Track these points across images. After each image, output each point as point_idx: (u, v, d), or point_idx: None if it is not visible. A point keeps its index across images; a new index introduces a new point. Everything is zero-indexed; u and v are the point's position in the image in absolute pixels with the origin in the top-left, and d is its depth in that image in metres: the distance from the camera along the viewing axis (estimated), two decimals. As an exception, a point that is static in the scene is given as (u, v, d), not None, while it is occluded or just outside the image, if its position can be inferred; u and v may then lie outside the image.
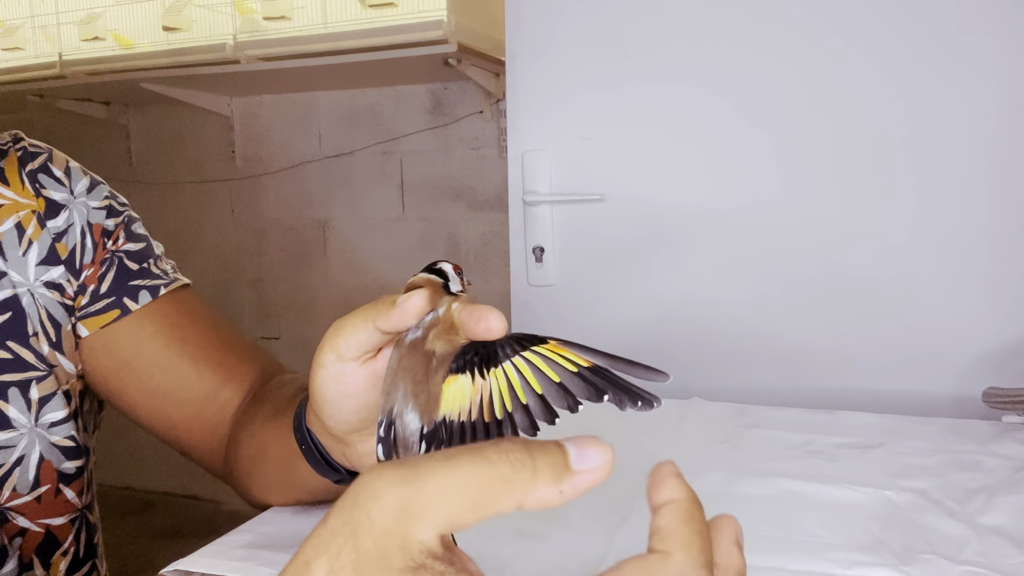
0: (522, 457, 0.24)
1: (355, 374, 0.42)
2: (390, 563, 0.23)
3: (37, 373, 0.62)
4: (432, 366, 0.36)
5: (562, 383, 0.31)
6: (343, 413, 0.44)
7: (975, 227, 1.16)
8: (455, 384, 0.34)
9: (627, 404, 0.30)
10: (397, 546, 0.23)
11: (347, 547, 0.23)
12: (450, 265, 0.43)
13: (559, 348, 0.33)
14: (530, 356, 0.33)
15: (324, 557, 0.23)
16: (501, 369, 0.33)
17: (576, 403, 0.31)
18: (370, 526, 0.23)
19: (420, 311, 0.38)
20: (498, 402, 0.32)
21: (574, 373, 0.31)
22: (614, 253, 1.36)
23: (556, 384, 0.31)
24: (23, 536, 0.63)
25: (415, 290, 0.38)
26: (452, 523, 0.24)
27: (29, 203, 0.64)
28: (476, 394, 0.33)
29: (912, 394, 1.17)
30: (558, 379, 0.32)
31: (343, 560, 0.23)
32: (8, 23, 2.40)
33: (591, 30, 1.33)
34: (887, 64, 1.19)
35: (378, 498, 0.23)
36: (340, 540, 0.23)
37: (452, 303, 0.38)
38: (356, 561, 0.23)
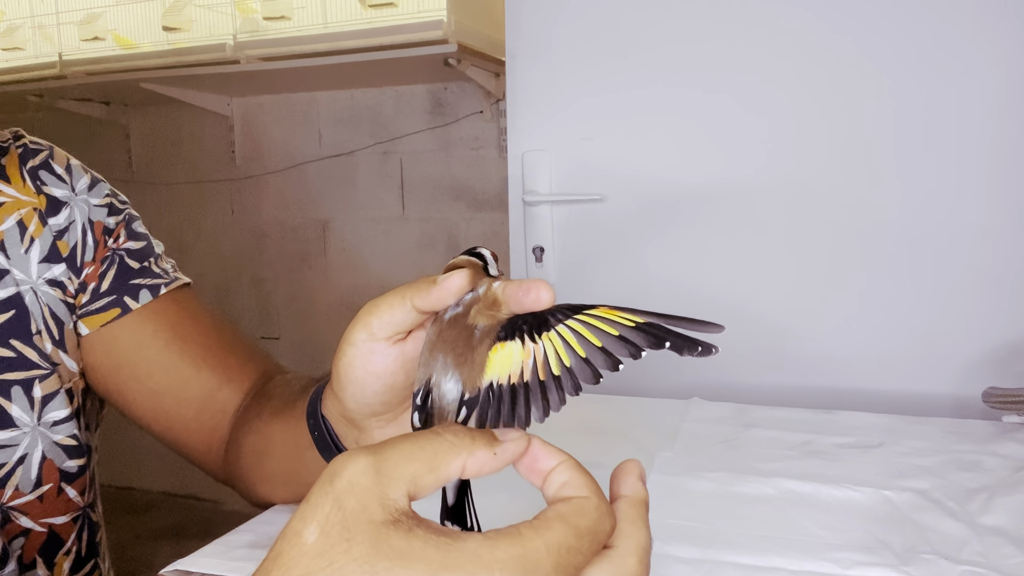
0: (463, 431, 0.31)
1: (384, 354, 0.42)
2: (373, 516, 0.26)
3: (40, 371, 0.62)
4: (475, 338, 0.36)
5: (622, 336, 0.32)
6: (367, 394, 0.44)
7: (975, 227, 1.16)
8: (503, 350, 0.34)
9: (687, 351, 0.31)
10: (377, 502, 0.27)
11: (333, 510, 0.27)
12: (488, 251, 0.44)
13: (611, 311, 0.33)
14: (584, 318, 0.33)
15: (314, 524, 0.27)
16: (554, 331, 0.33)
17: (639, 350, 0.31)
18: (351, 488, 0.27)
19: (461, 290, 0.38)
20: (554, 359, 0.32)
21: (631, 327, 0.32)
22: (614, 253, 1.36)
23: (615, 337, 0.32)
24: (26, 536, 0.63)
25: (456, 270, 0.39)
26: (415, 482, 0.28)
27: (30, 200, 0.64)
28: (527, 357, 0.33)
29: (912, 394, 1.18)
30: (617, 333, 0.32)
31: (332, 521, 0.26)
32: (8, 23, 2.40)
33: (591, 30, 1.33)
34: (886, 63, 1.19)
35: (355, 464, 0.27)
36: (326, 507, 0.27)
37: (492, 283, 0.38)
38: (343, 519, 0.26)
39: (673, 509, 0.66)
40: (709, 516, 0.64)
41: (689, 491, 0.69)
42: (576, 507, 0.29)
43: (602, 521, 0.29)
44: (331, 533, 0.26)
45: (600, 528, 0.29)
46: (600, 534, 0.29)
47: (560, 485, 0.30)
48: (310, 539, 0.26)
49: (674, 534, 0.61)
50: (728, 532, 0.61)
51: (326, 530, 0.26)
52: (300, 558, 0.26)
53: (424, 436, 0.29)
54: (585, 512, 0.29)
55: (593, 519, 0.29)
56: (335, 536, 0.26)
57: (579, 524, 0.28)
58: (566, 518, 0.28)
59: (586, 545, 0.28)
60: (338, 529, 0.26)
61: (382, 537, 0.26)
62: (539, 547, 0.27)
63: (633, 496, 0.32)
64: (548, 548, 0.27)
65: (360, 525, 0.26)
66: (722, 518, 0.64)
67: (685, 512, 0.65)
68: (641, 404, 0.97)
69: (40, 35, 2.38)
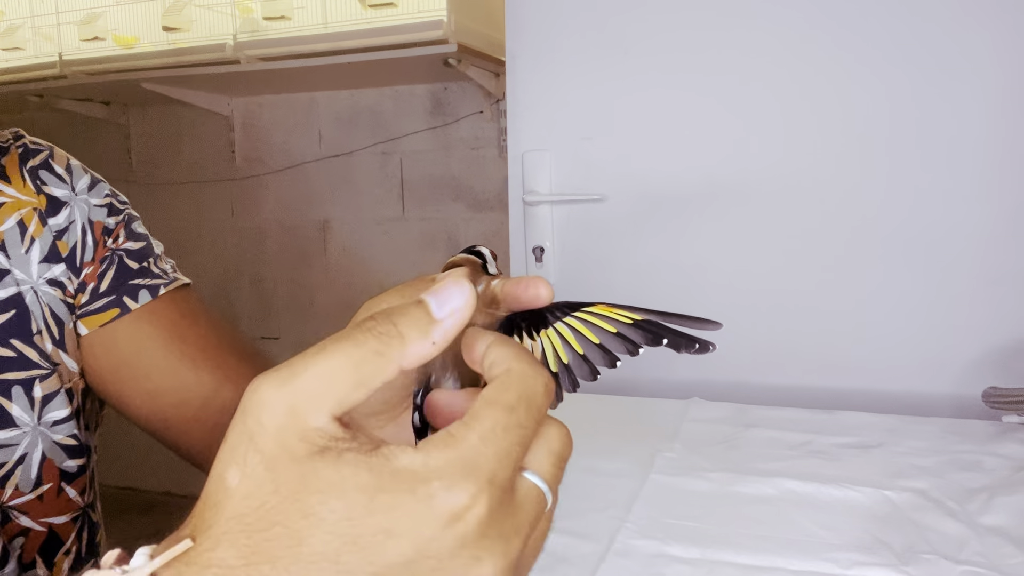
0: (386, 328, 0.27)
1: None
2: (295, 453, 0.25)
3: (40, 371, 0.62)
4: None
5: (619, 333, 0.32)
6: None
7: (975, 227, 1.16)
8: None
9: (684, 348, 0.31)
10: (296, 438, 0.25)
11: (250, 452, 0.25)
12: (487, 250, 0.44)
13: (609, 308, 0.33)
14: (582, 315, 0.33)
15: (233, 466, 0.25)
16: (552, 329, 0.33)
17: (636, 347, 0.31)
18: (264, 430, 0.25)
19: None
20: (552, 357, 0.33)
21: (630, 325, 0.32)
22: (614, 253, 1.36)
23: (613, 334, 0.32)
24: (26, 536, 0.63)
25: (454, 268, 0.39)
26: (341, 404, 0.26)
27: (30, 200, 0.64)
28: None
29: (912, 394, 1.18)
30: (615, 330, 0.32)
31: (251, 463, 0.25)
32: (8, 23, 2.40)
33: (591, 30, 1.34)
34: (887, 62, 1.19)
35: (264, 404, 0.25)
36: (242, 448, 0.25)
37: (491, 281, 0.38)
38: (263, 460, 0.25)
39: (673, 509, 0.66)
40: (709, 516, 0.64)
41: (689, 491, 0.69)
42: (498, 384, 0.27)
43: (529, 383, 0.27)
44: (253, 475, 0.25)
45: (530, 391, 0.27)
46: (534, 397, 0.27)
47: (488, 368, 0.28)
48: (233, 482, 0.25)
49: (674, 534, 0.61)
50: (728, 532, 0.61)
51: (247, 473, 0.25)
52: (226, 500, 0.25)
53: (341, 349, 0.26)
54: (508, 384, 0.27)
55: (518, 387, 0.27)
56: (259, 478, 0.25)
57: (506, 399, 0.26)
58: (492, 400, 0.27)
59: (522, 416, 0.26)
60: (260, 470, 0.25)
61: (309, 471, 0.24)
62: (473, 442, 0.25)
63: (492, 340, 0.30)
64: (483, 438, 0.25)
65: (283, 464, 0.25)
66: (722, 518, 0.64)
67: (685, 512, 0.65)
68: (641, 404, 0.97)
69: (40, 35, 2.38)
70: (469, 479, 0.24)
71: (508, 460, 0.25)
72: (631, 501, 0.66)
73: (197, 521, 0.26)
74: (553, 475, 0.28)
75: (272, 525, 0.24)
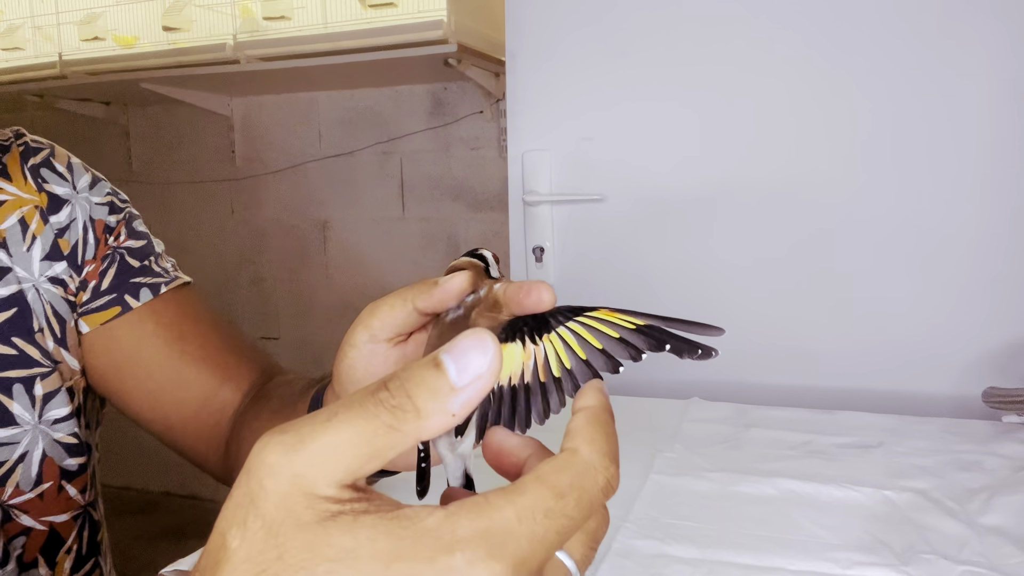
0: (401, 401, 0.24)
1: (385, 355, 0.42)
2: (301, 520, 0.23)
3: (41, 369, 0.62)
4: None
5: (622, 338, 0.32)
6: None
7: (975, 227, 1.16)
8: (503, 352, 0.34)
9: (686, 354, 0.30)
10: (302, 505, 0.23)
11: (251, 515, 0.23)
12: (490, 253, 0.44)
13: (612, 313, 0.33)
14: (585, 320, 0.33)
15: (235, 528, 0.24)
16: (555, 333, 0.33)
17: (639, 353, 0.31)
18: (266, 495, 0.23)
19: (462, 291, 0.38)
20: (555, 361, 0.32)
21: (632, 330, 0.32)
22: (614, 253, 1.36)
23: (616, 339, 0.32)
24: (27, 535, 0.63)
25: (457, 271, 0.39)
26: (352, 475, 0.24)
27: (32, 198, 0.64)
28: (528, 359, 0.33)
29: (912, 394, 1.18)
30: (618, 335, 0.32)
31: (252, 527, 0.23)
32: (8, 23, 2.40)
33: (591, 30, 1.34)
34: (890, 64, 1.19)
35: (268, 468, 0.24)
36: (243, 510, 0.24)
37: (494, 285, 0.38)
38: (264, 526, 0.23)
39: (673, 509, 0.66)
40: (709, 516, 0.64)
41: (689, 491, 0.69)
42: (558, 463, 0.25)
43: (591, 475, 0.25)
44: (254, 540, 0.23)
45: (589, 483, 0.25)
46: (590, 490, 0.25)
47: (566, 432, 0.26)
48: (233, 544, 0.23)
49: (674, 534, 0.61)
50: (728, 532, 0.61)
51: (247, 537, 0.23)
52: (226, 562, 0.24)
53: (352, 422, 0.24)
54: (569, 467, 0.24)
55: (578, 474, 0.24)
56: (259, 543, 0.23)
57: (559, 482, 0.24)
58: (543, 477, 0.24)
59: (571, 506, 0.24)
60: (261, 536, 0.23)
61: (319, 538, 0.23)
62: (508, 517, 0.23)
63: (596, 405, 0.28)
64: (520, 516, 0.23)
65: (288, 531, 0.23)
66: (722, 518, 0.64)
67: (685, 512, 0.65)
68: (641, 404, 0.97)
69: (40, 35, 2.38)
70: (494, 558, 0.22)
71: (542, 547, 0.23)
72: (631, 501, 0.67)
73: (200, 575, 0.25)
74: (584, 556, 0.26)
75: None
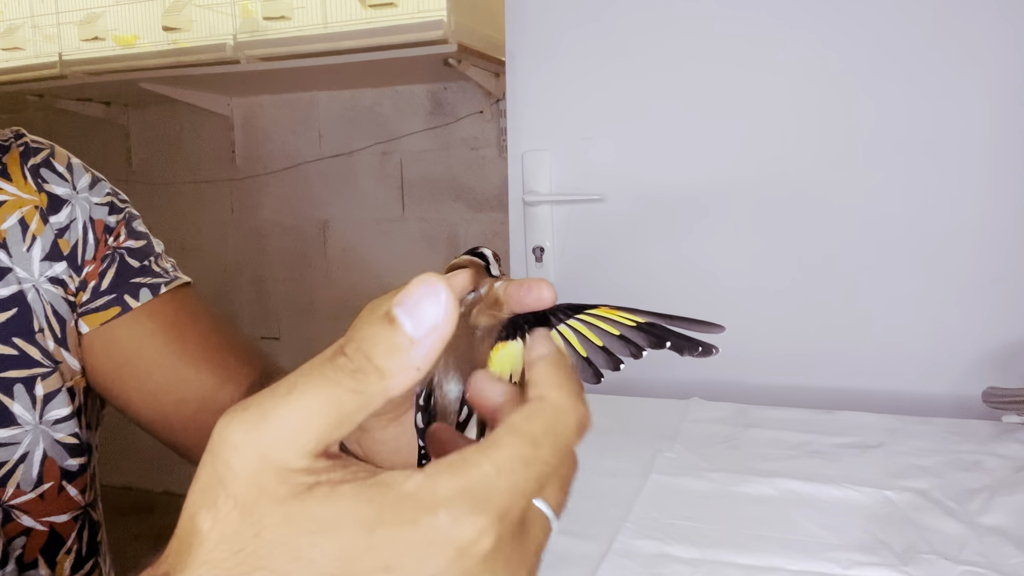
0: (360, 364, 0.24)
1: None
2: (277, 495, 0.22)
3: (42, 369, 0.62)
4: (477, 338, 0.36)
5: (623, 335, 0.32)
6: None
7: (975, 226, 1.16)
8: (504, 350, 0.34)
9: (687, 351, 0.30)
10: (275, 480, 0.23)
11: (222, 496, 0.23)
12: (490, 251, 0.44)
13: (612, 310, 0.33)
14: (585, 317, 0.33)
15: (205, 510, 0.23)
16: (556, 331, 0.33)
17: (640, 350, 0.31)
18: (235, 475, 0.23)
19: (463, 289, 0.38)
20: None
21: (633, 327, 0.32)
22: (614, 253, 1.36)
23: (617, 336, 0.32)
24: (27, 535, 0.63)
25: (457, 270, 0.39)
26: (321, 443, 0.23)
27: (32, 199, 0.64)
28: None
29: (912, 394, 1.18)
30: (618, 332, 0.32)
31: (223, 508, 0.23)
32: (8, 23, 2.40)
33: (591, 30, 1.34)
34: (888, 63, 1.19)
35: (234, 448, 0.23)
36: (213, 492, 0.23)
37: (494, 283, 0.38)
38: (237, 506, 0.23)
39: (673, 509, 0.66)
40: (709, 516, 0.64)
41: (689, 491, 0.69)
42: (528, 411, 0.24)
43: (562, 417, 0.24)
44: (227, 520, 0.23)
45: (561, 425, 0.24)
46: (564, 433, 0.24)
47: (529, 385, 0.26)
48: (205, 526, 0.23)
49: (674, 534, 0.61)
50: (728, 532, 0.61)
51: (219, 518, 0.23)
52: (199, 545, 0.23)
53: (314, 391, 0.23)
54: (539, 413, 0.24)
55: (550, 418, 0.24)
56: (234, 522, 0.22)
57: (533, 429, 0.24)
58: (516, 428, 0.24)
59: (547, 451, 0.24)
60: (235, 516, 0.22)
61: (296, 511, 0.22)
62: (487, 472, 0.23)
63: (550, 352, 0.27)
64: (498, 469, 0.23)
65: (263, 507, 0.22)
66: (722, 518, 0.64)
67: (685, 512, 0.65)
68: (641, 404, 0.97)
69: (40, 35, 2.38)
70: (478, 512, 0.22)
71: (522, 497, 0.23)
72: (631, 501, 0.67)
73: (173, 560, 0.24)
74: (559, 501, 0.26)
75: (254, 570, 0.22)
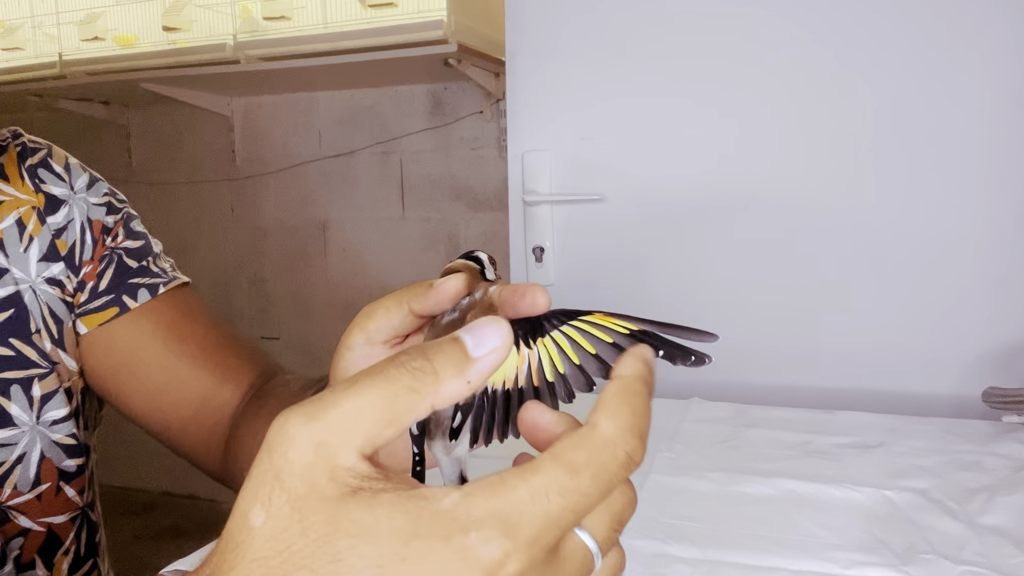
0: (421, 363, 0.25)
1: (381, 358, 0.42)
2: (324, 493, 0.23)
3: (39, 370, 0.62)
4: None
5: (615, 343, 0.32)
6: None
7: (975, 227, 1.16)
8: None
9: (680, 360, 0.30)
10: (325, 478, 0.23)
11: (276, 491, 0.23)
12: (486, 255, 0.44)
13: (606, 317, 0.33)
14: (579, 324, 0.33)
15: (258, 505, 0.24)
16: (549, 337, 0.33)
17: None
18: (291, 467, 0.23)
19: (457, 293, 0.38)
20: (548, 366, 0.32)
21: (626, 335, 0.32)
22: (614, 253, 1.36)
23: (609, 344, 0.32)
24: (25, 536, 0.63)
25: (452, 274, 0.38)
26: (371, 442, 0.24)
27: (29, 199, 0.64)
28: (522, 363, 0.33)
29: (912, 394, 1.17)
30: (611, 340, 0.32)
31: (276, 503, 0.23)
32: (8, 23, 2.40)
33: (591, 30, 1.33)
34: (889, 63, 1.19)
35: (291, 440, 0.24)
36: (267, 487, 0.24)
37: (489, 288, 0.38)
38: (290, 500, 0.23)
39: (673, 509, 0.65)
40: (709, 516, 0.64)
41: (689, 491, 0.69)
42: (574, 439, 0.24)
43: (609, 450, 0.24)
44: (279, 516, 0.23)
45: (606, 458, 0.24)
46: (608, 466, 0.24)
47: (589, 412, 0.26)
48: (257, 522, 0.23)
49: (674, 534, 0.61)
50: (728, 532, 0.61)
51: (272, 513, 0.23)
52: (250, 542, 0.24)
53: (373, 385, 0.25)
54: (584, 443, 0.24)
55: (595, 449, 0.24)
56: (284, 518, 0.23)
57: (575, 458, 0.24)
58: (559, 454, 0.24)
59: (587, 483, 0.23)
60: (286, 511, 0.23)
61: (340, 513, 0.23)
62: (522, 496, 0.23)
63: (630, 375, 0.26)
64: (533, 495, 0.23)
65: (311, 504, 0.23)
66: (722, 518, 0.64)
67: (685, 512, 0.65)
68: (641, 404, 0.97)
69: (40, 35, 2.38)
70: (508, 536, 0.22)
71: (556, 527, 0.23)
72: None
73: (218, 561, 0.24)
74: (607, 538, 0.25)
75: (297, 569, 0.23)
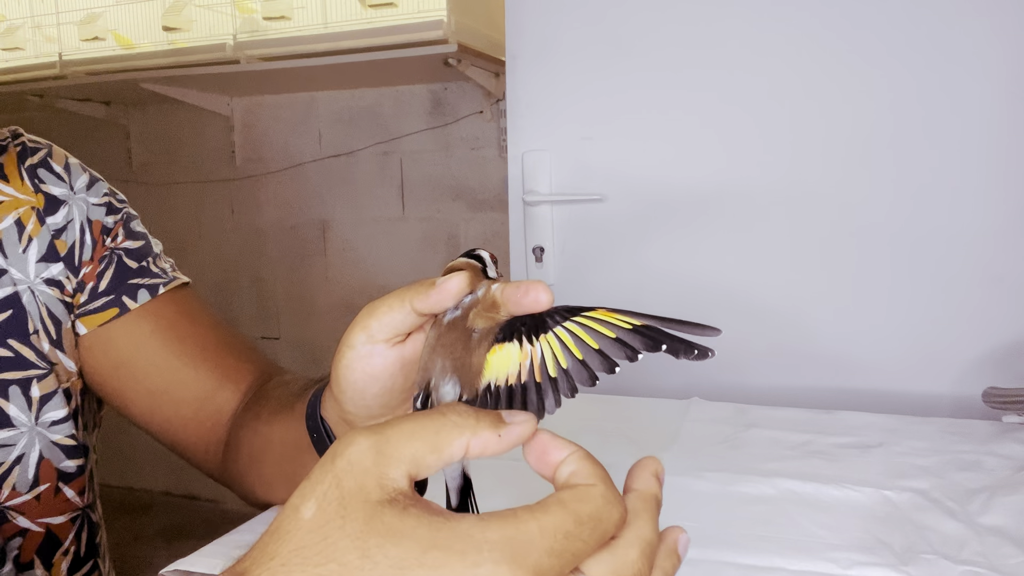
0: (467, 410, 0.30)
1: (383, 356, 0.42)
2: (369, 496, 0.27)
3: (38, 371, 0.62)
4: (474, 340, 0.36)
5: (619, 338, 0.32)
6: (366, 397, 0.44)
7: (975, 226, 1.16)
8: (501, 352, 0.34)
9: (683, 354, 0.31)
10: (375, 483, 0.27)
11: (332, 488, 0.27)
12: (487, 253, 0.44)
13: (609, 313, 0.33)
14: (582, 320, 0.33)
15: (311, 500, 0.27)
16: (552, 333, 0.33)
17: (635, 353, 0.32)
18: (351, 468, 0.27)
19: (460, 292, 0.38)
20: (551, 361, 0.33)
21: (629, 330, 0.32)
22: (614, 253, 1.36)
23: (612, 339, 0.32)
24: (24, 536, 0.63)
25: (455, 272, 0.39)
26: (417, 462, 0.28)
27: (28, 199, 0.64)
28: (525, 359, 0.33)
29: (912, 394, 1.17)
30: (614, 335, 0.32)
31: (329, 498, 0.27)
32: (8, 23, 2.40)
33: (591, 30, 1.33)
34: (886, 63, 1.19)
35: (356, 445, 0.28)
36: (324, 485, 0.27)
37: (491, 285, 0.38)
38: (340, 497, 0.27)
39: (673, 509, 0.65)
40: (709, 516, 0.64)
41: (689, 491, 0.69)
42: (579, 494, 0.28)
43: (606, 509, 0.28)
44: (327, 509, 0.27)
45: (605, 516, 0.28)
46: (604, 523, 0.28)
47: (568, 475, 0.30)
48: (307, 514, 0.27)
49: (674, 534, 0.61)
50: (728, 532, 0.61)
51: (323, 506, 0.27)
52: (295, 532, 0.27)
53: (427, 416, 0.29)
54: (588, 499, 0.28)
55: (596, 506, 0.28)
56: (331, 512, 0.27)
57: (580, 510, 0.28)
58: (566, 503, 0.28)
59: (587, 533, 0.27)
60: (335, 506, 0.27)
61: (376, 515, 0.26)
62: (532, 529, 0.26)
63: (644, 490, 0.31)
64: (542, 531, 0.26)
65: (356, 503, 0.27)
66: (722, 518, 0.64)
67: (685, 512, 0.65)
68: (641, 404, 0.97)
69: (40, 35, 2.37)
70: (516, 561, 0.26)
71: (558, 562, 0.27)
72: (631, 501, 0.66)
73: (257, 553, 0.27)
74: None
75: (328, 561, 0.26)
